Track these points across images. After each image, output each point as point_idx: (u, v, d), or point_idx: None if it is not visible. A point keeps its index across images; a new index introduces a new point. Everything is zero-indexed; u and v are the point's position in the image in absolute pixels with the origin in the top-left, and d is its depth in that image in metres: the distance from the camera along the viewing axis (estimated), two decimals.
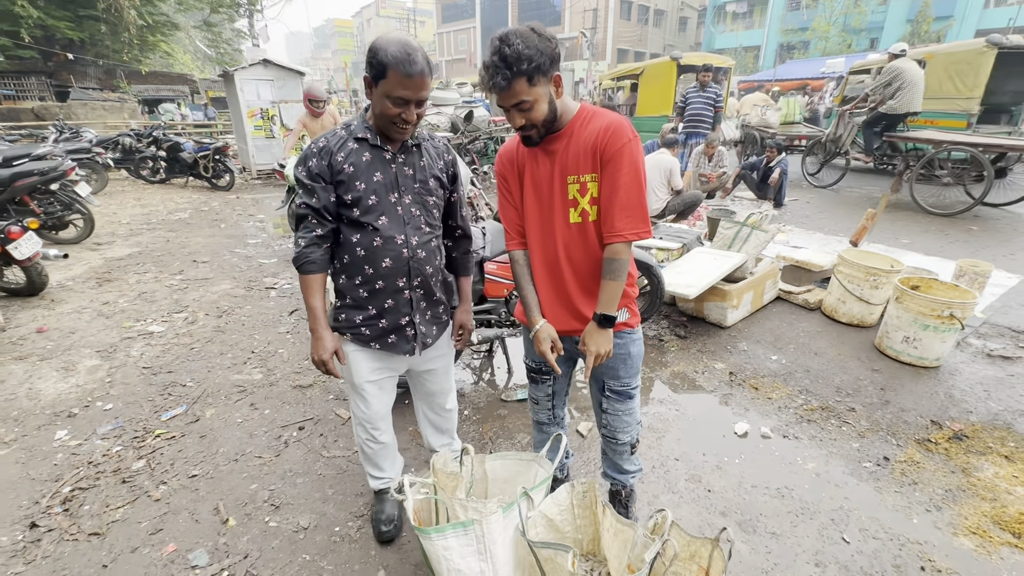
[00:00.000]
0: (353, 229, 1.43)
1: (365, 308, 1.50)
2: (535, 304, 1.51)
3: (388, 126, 1.36)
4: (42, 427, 2.47)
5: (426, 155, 1.50)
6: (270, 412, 2.60)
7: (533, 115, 1.30)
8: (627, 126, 1.33)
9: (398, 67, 1.25)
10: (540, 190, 1.43)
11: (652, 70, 9.11)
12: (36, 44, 15.90)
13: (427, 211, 1.50)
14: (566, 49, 32.84)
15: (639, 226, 1.35)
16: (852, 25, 25.59)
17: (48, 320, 3.63)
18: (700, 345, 3.26)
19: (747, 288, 3.40)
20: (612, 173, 1.32)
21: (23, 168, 4.97)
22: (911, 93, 6.26)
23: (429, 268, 1.52)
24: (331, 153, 1.37)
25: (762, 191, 6.71)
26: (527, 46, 1.21)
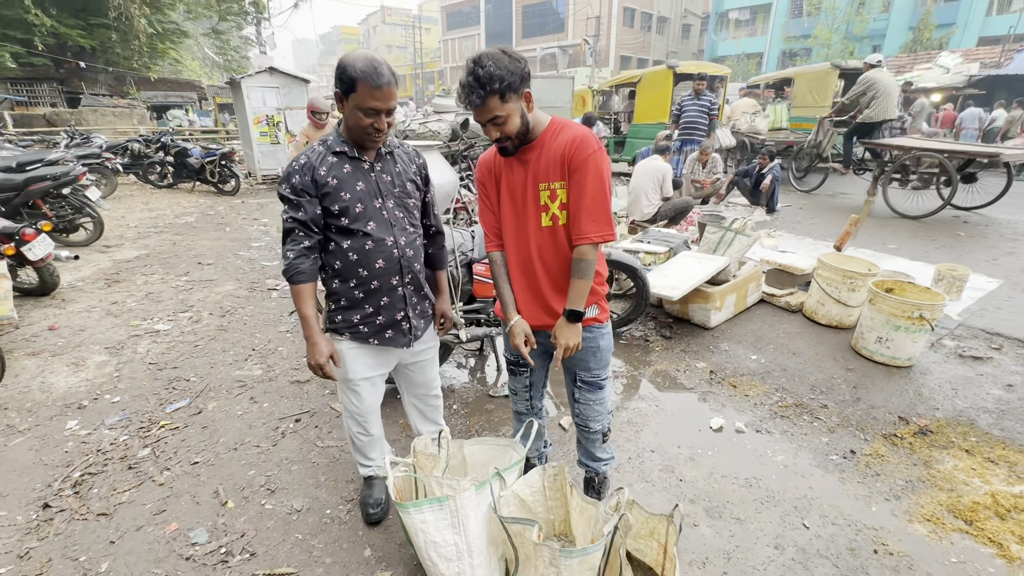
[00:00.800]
0: (343, 236, 1.53)
1: (362, 307, 1.61)
2: (511, 301, 1.65)
3: (362, 136, 1.47)
4: (54, 417, 2.61)
5: (399, 161, 1.63)
6: (269, 405, 2.73)
7: (507, 128, 1.44)
8: (592, 138, 1.47)
9: (367, 80, 1.37)
10: (515, 196, 1.57)
11: (649, 78, 9.26)
12: (48, 52, 16.25)
13: (409, 212, 1.64)
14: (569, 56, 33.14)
15: (604, 229, 1.48)
16: (854, 32, 25.73)
17: (59, 318, 3.79)
18: (684, 345, 3.37)
19: (730, 290, 3.52)
20: (579, 181, 1.46)
21: (37, 173, 5.16)
22: (885, 101, 6.57)
23: (417, 265, 1.67)
24: (313, 168, 1.47)
25: (755, 197, 6.83)
26: (498, 67, 1.35)
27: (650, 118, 8.98)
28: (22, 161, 5.73)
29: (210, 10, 21.59)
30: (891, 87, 6.63)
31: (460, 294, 2.71)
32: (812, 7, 27.06)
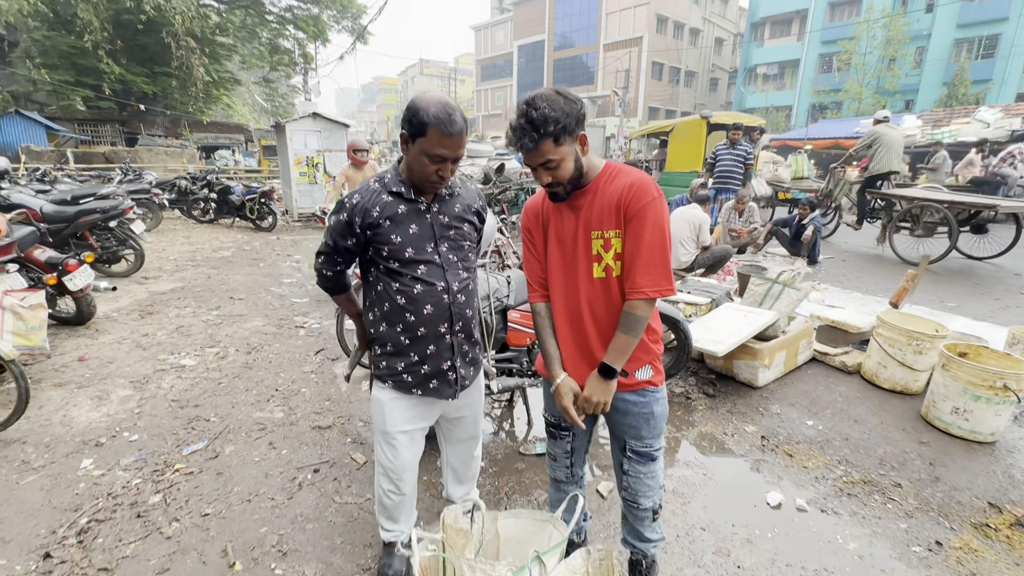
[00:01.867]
0: (392, 278, 1.47)
1: (407, 355, 1.52)
2: (556, 357, 1.50)
3: (424, 182, 1.42)
4: (70, 455, 2.53)
5: (459, 202, 1.55)
6: (287, 452, 2.59)
7: (559, 173, 1.34)
8: (652, 184, 1.35)
9: (439, 127, 1.31)
10: (564, 244, 1.45)
11: (682, 128, 9.30)
12: (115, 96, 17.60)
13: (463, 255, 1.55)
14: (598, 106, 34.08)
15: (661, 284, 1.34)
16: (886, 87, 25.73)
17: (90, 349, 3.80)
18: (729, 405, 3.12)
19: (780, 347, 3.28)
20: (636, 230, 1.33)
21: (87, 206, 5.38)
22: (888, 154, 6.94)
23: (469, 311, 1.57)
24: (365, 210, 1.42)
25: (795, 248, 6.59)
26: (553, 108, 1.27)
27: (683, 166, 8.95)
28: (77, 195, 6.03)
29: (263, 61, 23.21)
30: (895, 141, 6.94)
31: (493, 342, 2.57)
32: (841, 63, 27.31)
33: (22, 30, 16.69)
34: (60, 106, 17.93)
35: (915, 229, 6.74)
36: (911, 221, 6.76)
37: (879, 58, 25.54)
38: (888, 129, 7.01)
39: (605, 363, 1.39)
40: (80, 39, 15.00)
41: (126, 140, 18.98)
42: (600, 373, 1.40)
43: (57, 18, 16.20)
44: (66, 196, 5.91)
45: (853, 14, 27.77)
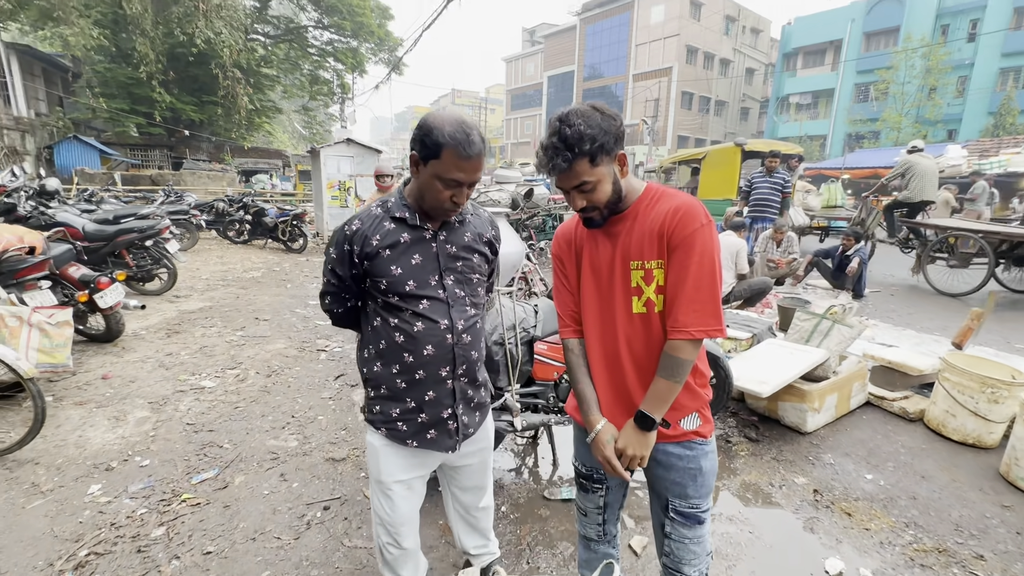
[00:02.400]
0: (390, 313, 1.32)
1: (403, 400, 1.35)
2: (594, 401, 1.33)
3: (436, 208, 1.27)
4: (79, 479, 2.45)
5: (469, 230, 1.40)
6: (298, 486, 2.45)
7: (595, 196, 1.20)
8: (700, 209, 1.19)
9: (456, 148, 1.17)
10: (600, 275, 1.30)
11: (715, 155, 9.12)
12: (165, 123, 18.63)
13: (471, 289, 1.39)
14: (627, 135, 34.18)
15: (709, 322, 1.17)
16: (926, 116, 24.97)
17: (115, 367, 3.80)
18: (775, 452, 2.84)
19: (831, 389, 3.00)
20: (680, 260, 1.17)
21: (125, 226, 5.53)
22: (921, 183, 6.95)
23: (474, 353, 1.40)
24: (364, 237, 1.28)
25: (838, 280, 6.23)
26: (589, 125, 1.13)
27: (715, 194, 8.73)
28: (118, 215, 6.24)
29: (303, 91, 24.30)
30: (928, 170, 6.95)
31: (518, 375, 2.40)
32: (879, 92, 26.73)
33: (86, 63, 17.96)
34: (115, 132, 19.04)
35: (950, 260, 6.55)
36: (946, 252, 6.62)
37: (919, 87, 24.90)
38: (922, 158, 7.01)
39: (642, 412, 1.21)
40: (136, 70, 15.99)
41: (173, 164, 19.96)
42: (636, 423, 1.22)
43: (118, 51, 17.38)
44: (108, 216, 6.12)
45: (890, 43, 27.31)
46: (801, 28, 30.57)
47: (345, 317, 1.45)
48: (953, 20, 25.81)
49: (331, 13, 21.26)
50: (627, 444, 1.24)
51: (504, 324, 2.32)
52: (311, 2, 21.44)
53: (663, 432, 1.28)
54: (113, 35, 17.09)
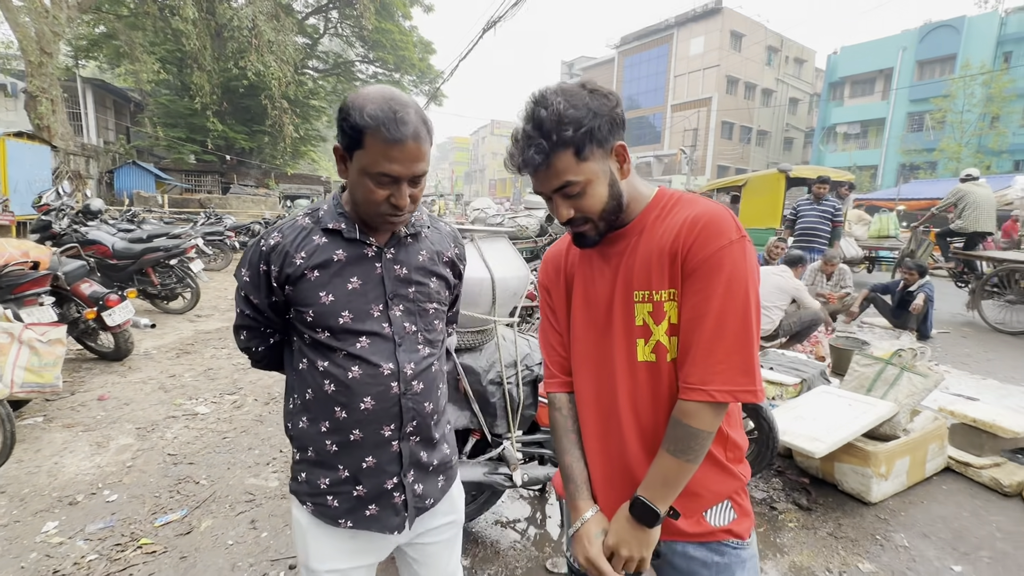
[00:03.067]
0: (318, 354, 1.01)
1: (333, 468, 1.03)
2: (583, 480, 0.99)
3: (372, 215, 0.98)
4: (39, 513, 2.25)
5: (425, 246, 1.10)
6: (267, 536, 2.16)
7: (585, 203, 0.88)
8: (728, 219, 0.85)
9: (380, 130, 0.88)
10: (595, 311, 0.97)
11: (757, 182, 8.64)
12: (217, 151, 19.69)
13: (426, 322, 1.08)
14: (664, 164, 33.78)
15: (736, 379, 0.82)
16: (989, 146, 23.44)
17: (115, 388, 3.68)
18: (832, 525, 2.35)
19: (902, 451, 2.49)
20: (699, 289, 0.84)
21: (152, 244, 5.60)
22: (976, 213, 6.65)
23: (428, 405, 1.07)
24: (285, 254, 0.99)
25: (899, 318, 5.59)
26: (572, 105, 0.83)
27: (757, 223, 8.21)
28: (152, 234, 6.35)
29: None
30: (983, 200, 6.67)
31: (519, 420, 2.06)
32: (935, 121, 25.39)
33: (152, 96, 19.36)
34: (172, 159, 20.26)
35: (1007, 295, 6.08)
36: (1003, 286, 6.16)
37: (979, 116, 23.50)
38: (976, 187, 6.76)
39: (641, 498, 0.87)
40: (192, 101, 17.02)
41: (222, 189, 20.97)
42: (633, 513, 0.88)
43: (182, 85, 18.65)
44: (142, 235, 6.23)
45: (945, 72, 26.09)
46: (848, 57, 29.72)
47: (270, 357, 1.15)
48: (1016, 47, 24.47)
49: (376, 48, 22.23)
50: (620, 541, 0.90)
51: (503, 361, 2.00)
52: (358, 38, 22.52)
53: (680, 527, 0.93)
54: (179, 71, 18.40)
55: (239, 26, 15.48)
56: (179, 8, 14.49)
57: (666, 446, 0.86)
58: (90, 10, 15.06)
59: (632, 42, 37.70)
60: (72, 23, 13.52)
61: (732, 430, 0.97)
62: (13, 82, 18.11)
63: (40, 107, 12.49)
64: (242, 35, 15.67)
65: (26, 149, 10.34)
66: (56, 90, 12.91)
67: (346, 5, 20.70)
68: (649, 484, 0.87)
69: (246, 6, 16.15)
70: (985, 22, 25.09)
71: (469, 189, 66.34)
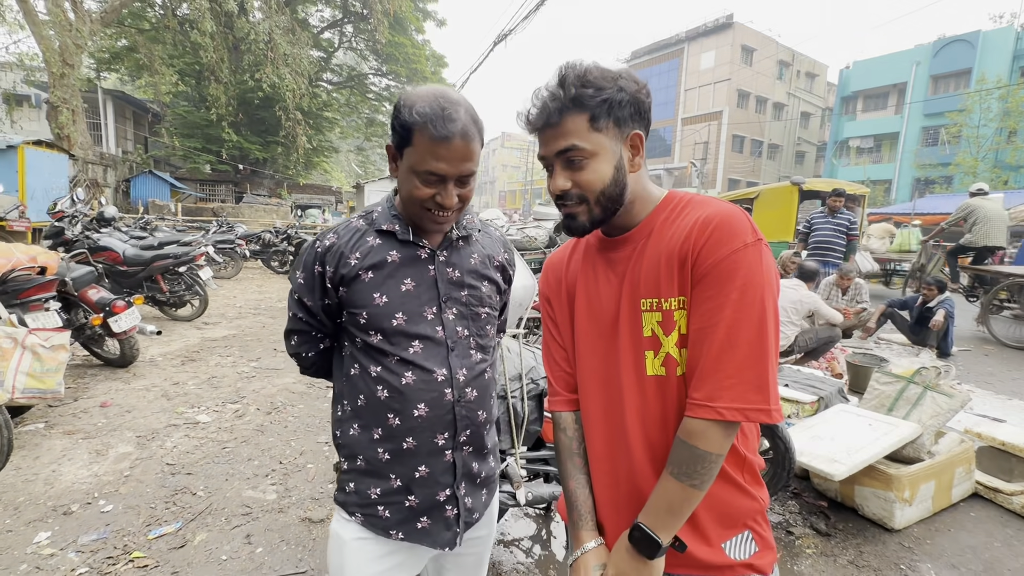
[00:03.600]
0: (371, 359, 0.99)
1: (385, 477, 1.00)
2: (586, 508, 0.92)
3: (420, 214, 0.96)
4: (33, 523, 2.21)
5: (476, 251, 1.08)
6: (262, 552, 2.10)
7: (585, 176, 0.82)
8: (742, 221, 0.78)
9: (427, 127, 0.87)
10: (600, 321, 0.91)
11: (769, 195, 8.54)
12: (232, 160, 20.00)
13: (479, 327, 1.05)
14: (675, 177, 33.71)
15: (748, 396, 0.75)
16: (1006, 161, 23.07)
17: (118, 395, 3.66)
18: (853, 552, 2.23)
19: (927, 475, 2.37)
20: (711, 297, 0.77)
21: (162, 251, 5.63)
22: (986, 227, 6.57)
23: (481, 413, 1.04)
24: (340, 255, 0.98)
25: (918, 335, 5.42)
26: (603, 75, 0.80)
27: (769, 236, 8.06)
28: (163, 241, 6.39)
29: (359, 132, 25.63)
30: (993, 214, 6.64)
31: (524, 436, 1.98)
32: (950, 136, 25.10)
33: (170, 107, 19.79)
34: (188, 168, 20.62)
35: (1014, 308, 6.08)
36: (1011, 300, 6.14)
37: (996, 130, 23.19)
38: (985, 202, 6.75)
39: (641, 526, 0.80)
40: (209, 112, 17.36)
41: (235, 198, 21.26)
42: (633, 543, 0.81)
43: (199, 97, 19.04)
44: (153, 243, 6.28)
45: (960, 86, 25.86)
46: (860, 72, 29.59)
47: (319, 363, 1.13)
48: None
49: (390, 61, 22.55)
50: (619, 574, 0.82)
51: (508, 374, 1.93)
52: (372, 52, 22.88)
53: (697, 556, 0.85)
54: (196, 83, 18.80)
55: (256, 40, 15.80)
56: (198, 22, 14.84)
57: (670, 469, 0.79)
58: (113, 24, 15.49)
59: (643, 56, 37.89)
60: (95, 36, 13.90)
61: (749, 452, 0.89)
62: (37, 93, 18.62)
63: (61, 117, 12.79)
64: (258, 48, 15.98)
65: (44, 157, 10.55)
66: (77, 101, 13.23)
67: (360, 20, 21.07)
68: (651, 510, 0.80)
69: (263, 21, 16.50)
70: (1001, 37, 24.89)
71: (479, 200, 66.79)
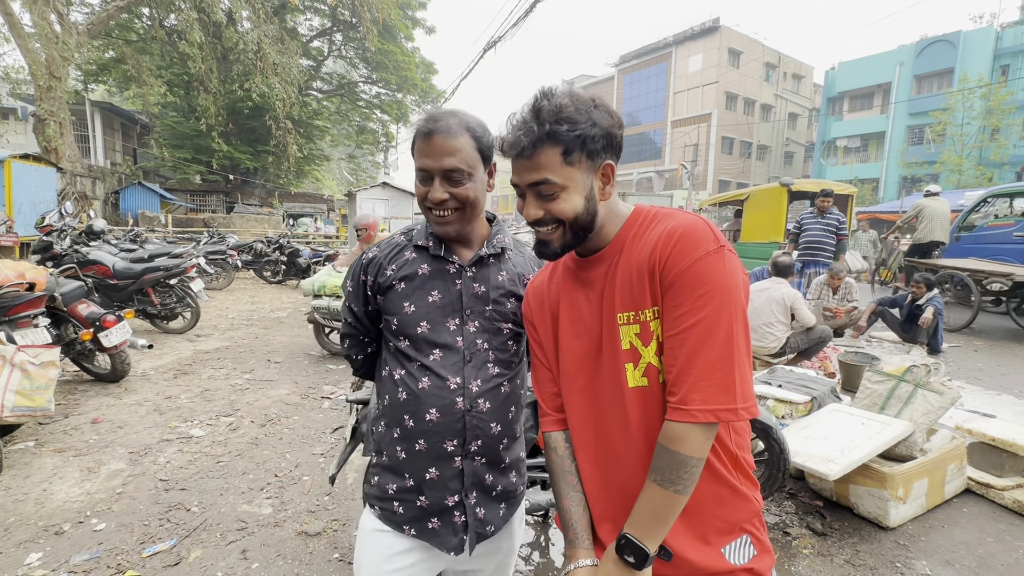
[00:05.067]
0: (398, 362, 1.08)
1: (401, 475, 1.07)
2: (581, 526, 0.93)
3: (426, 216, 1.08)
4: (23, 543, 2.17)
5: (507, 268, 1.13)
6: (258, 567, 2.08)
7: (556, 206, 0.84)
8: (704, 230, 0.80)
9: (417, 131, 1.02)
10: (585, 340, 0.92)
11: (759, 196, 8.61)
12: (223, 171, 19.89)
13: (499, 342, 1.09)
14: (665, 179, 33.94)
15: (718, 397, 0.77)
16: (990, 158, 23.46)
17: (110, 410, 3.62)
18: (849, 552, 2.24)
19: (919, 473, 2.40)
20: (678, 305, 0.79)
21: (152, 264, 5.58)
22: (931, 225, 7.30)
23: (496, 426, 1.07)
24: (380, 266, 1.11)
25: (908, 332, 5.49)
26: (576, 108, 0.81)
27: (760, 237, 8.16)
28: (153, 254, 6.34)
29: (350, 140, 25.60)
30: (939, 213, 7.32)
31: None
32: (935, 134, 25.48)
33: (159, 118, 19.68)
34: (178, 179, 20.47)
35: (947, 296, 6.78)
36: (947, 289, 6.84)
37: (979, 128, 23.58)
38: (933, 202, 7.45)
39: (627, 535, 0.81)
40: (199, 123, 17.28)
41: (226, 208, 21.14)
42: (620, 553, 0.82)
43: (188, 108, 18.96)
44: (143, 255, 6.23)
45: (943, 85, 26.28)
46: (846, 73, 30.01)
47: (367, 365, 1.26)
48: (1013, 60, 24.69)
49: (380, 69, 22.58)
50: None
51: None
52: (362, 60, 22.90)
53: (693, 560, 0.85)
54: (185, 94, 18.71)
55: (244, 49, 15.75)
56: (186, 33, 14.78)
57: (652, 476, 0.80)
58: (100, 36, 15.40)
59: (631, 60, 38.21)
60: (82, 48, 13.81)
61: (742, 451, 0.90)
62: (23, 106, 18.45)
63: (48, 130, 12.68)
64: (247, 58, 15.93)
65: (32, 171, 10.45)
66: (64, 113, 13.11)
67: (349, 28, 21.09)
68: (636, 519, 0.81)
69: (252, 30, 16.46)
70: (981, 36, 25.36)
71: None
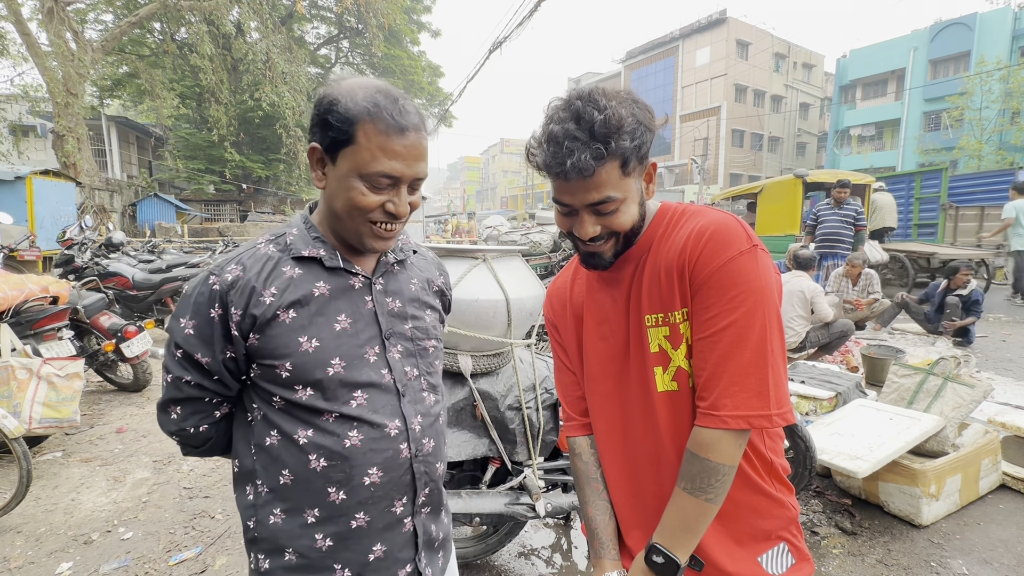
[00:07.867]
0: (296, 421, 0.79)
1: (328, 570, 0.81)
2: (607, 535, 0.91)
3: (361, 230, 0.80)
4: (54, 553, 2.21)
5: (415, 274, 0.95)
6: None
7: (617, 220, 0.81)
8: (736, 229, 0.78)
9: (380, 117, 0.73)
10: (612, 343, 0.90)
11: (773, 188, 8.48)
12: (235, 180, 20.20)
13: (427, 365, 0.92)
14: (675, 175, 33.63)
15: (751, 404, 0.74)
16: (1011, 142, 22.84)
17: (133, 419, 3.67)
18: (881, 551, 2.18)
19: (952, 469, 2.33)
20: (709, 307, 0.77)
21: (170, 274, 5.67)
22: (881, 214, 8.13)
23: (439, 465, 0.91)
24: (251, 292, 0.78)
25: (934, 323, 5.35)
26: (632, 113, 0.76)
27: (775, 230, 8.02)
28: (171, 263, 6.44)
29: None
30: (886, 203, 8.23)
31: (540, 446, 1.97)
32: (952, 120, 24.90)
33: (173, 130, 20.06)
34: (192, 189, 20.85)
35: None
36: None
37: (999, 112, 22.98)
38: (880, 195, 8.31)
39: (657, 545, 0.79)
40: (211, 134, 17.57)
41: (240, 217, 21.45)
42: (649, 564, 0.79)
43: (201, 119, 19.30)
44: (162, 265, 6.33)
45: (960, 69, 25.67)
46: (858, 60, 29.46)
47: (214, 438, 0.88)
48: None
49: (386, 74, 22.74)
50: None
51: (521, 384, 1.92)
52: (369, 66, 23.07)
53: (729, 570, 0.83)
54: (197, 105, 19.04)
55: (254, 60, 15.98)
56: (197, 45, 15.03)
57: (682, 484, 0.78)
58: (113, 51, 15.72)
59: (638, 55, 37.94)
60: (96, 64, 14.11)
61: (775, 455, 0.87)
62: (42, 123, 18.92)
63: (67, 145, 12.97)
64: (257, 68, 16.15)
65: (52, 186, 10.69)
66: (82, 128, 13.41)
67: (356, 35, 21.30)
68: (665, 529, 0.79)
69: (260, 41, 16.69)
70: (998, 17, 24.72)
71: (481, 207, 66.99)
